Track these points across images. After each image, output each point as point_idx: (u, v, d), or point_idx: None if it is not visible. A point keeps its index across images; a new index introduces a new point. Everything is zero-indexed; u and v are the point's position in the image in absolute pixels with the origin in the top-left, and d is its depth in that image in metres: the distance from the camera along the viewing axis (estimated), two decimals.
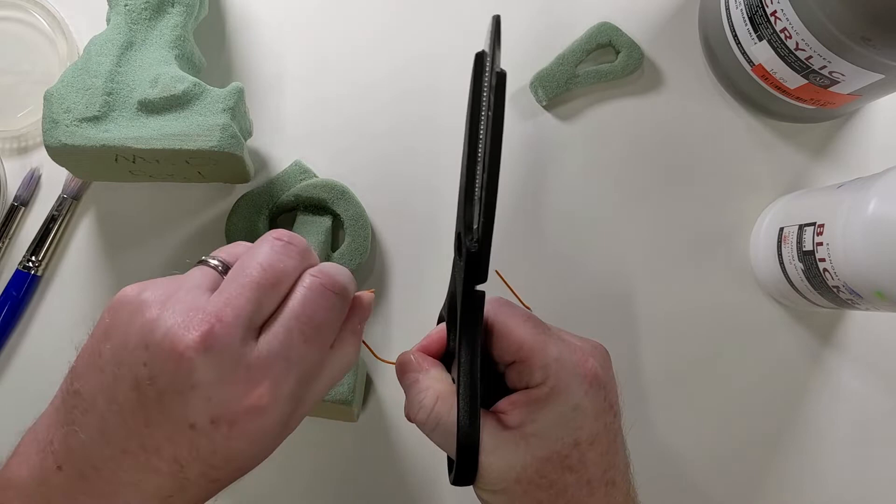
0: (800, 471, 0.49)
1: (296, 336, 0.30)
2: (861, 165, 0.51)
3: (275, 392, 0.29)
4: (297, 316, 0.30)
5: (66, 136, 0.42)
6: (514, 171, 0.51)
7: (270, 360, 0.29)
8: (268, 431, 0.30)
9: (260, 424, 0.30)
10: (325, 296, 0.31)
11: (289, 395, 0.30)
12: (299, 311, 0.30)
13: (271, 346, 0.29)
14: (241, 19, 0.52)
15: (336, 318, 0.31)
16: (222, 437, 0.29)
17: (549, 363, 0.33)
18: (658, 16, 0.52)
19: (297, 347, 0.30)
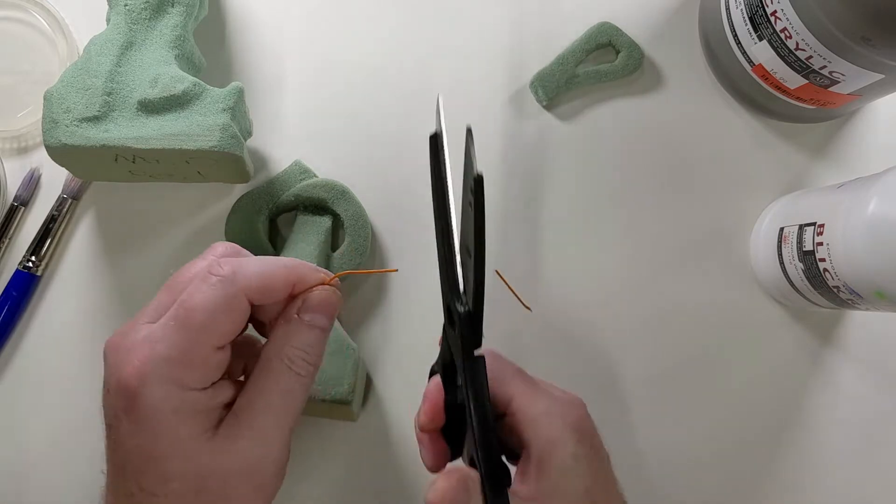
0: (800, 471, 0.49)
1: (170, 318, 0.30)
2: (861, 165, 0.51)
3: (140, 372, 0.29)
4: (178, 301, 0.30)
5: (66, 136, 0.42)
6: (513, 170, 0.51)
7: (140, 341, 0.30)
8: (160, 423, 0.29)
9: (143, 412, 0.29)
10: (206, 279, 0.30)
11: (161, 378, 0.29)
12: (181, 298, 0.30)
13: (150, 329, 0.30)
14: (241, 19, 0.52)
15: (212, 297, 0.30)
16: (126, 433, 0.30)
17: (539, 417, 0.34)
18: (658, 16, 0.52)
19: (165, 327, 0.30)
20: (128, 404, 0.29)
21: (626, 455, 0.49)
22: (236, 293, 0.30)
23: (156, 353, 0.29)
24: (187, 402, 0.30)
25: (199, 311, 0.30)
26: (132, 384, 0.29)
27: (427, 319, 0.50)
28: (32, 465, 0.48)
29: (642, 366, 0.50)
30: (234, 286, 0.30)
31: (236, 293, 0.30)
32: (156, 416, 0.29)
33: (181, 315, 0.30)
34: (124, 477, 0.30)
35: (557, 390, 0.37)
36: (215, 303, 0.30)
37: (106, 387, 0.30)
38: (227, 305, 0.30)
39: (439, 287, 0.50)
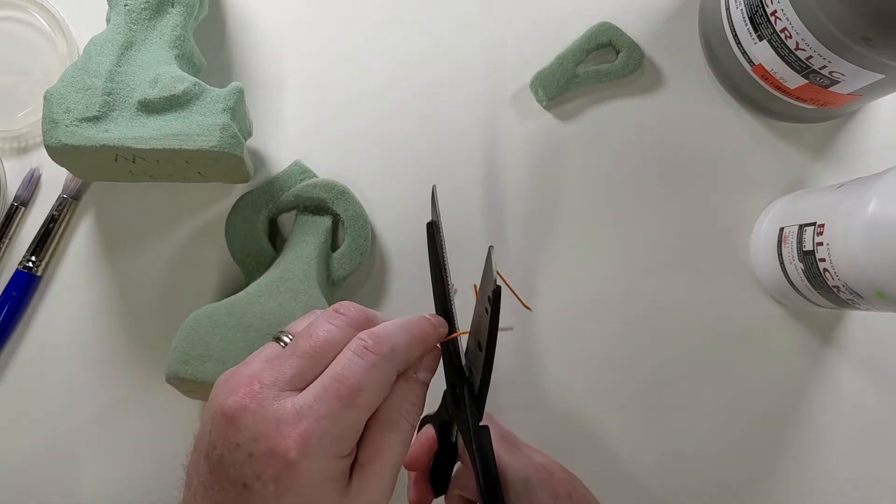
0: (800, 470, 0.49)
1: (330, 393, 0.31)
2: (861, 165, 0.51)
3: (303, 445, 0.30)
4: (334, 375, 0.31)
5: (66, 136, 0.42)
6: (513, 170, 0.51)
7: (301, 414, 0.31)
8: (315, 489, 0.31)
9: (301, 480, 0.30)
10: (364, 356, 0.32)
11: (322, 451, 0.31)
12: (337, 371, 0.31)
13: (303, 402, 0.31)
14: (241, 19, 0.52)
15: (378, 377, 0.32)
16: (271, 495, 0.30)
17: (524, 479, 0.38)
18: (658, 16, 0.52)
19: (328, 403, 0.31)
20: (282, 472, 0.30)
21: (625, 454, 0.49)
22: (392, 371, 0.33)
23: (320, 429, 0.30)
24: (339, 469, 0.32)
25: (365, 392, 0.31)
26: (291, 456, 0.30)
27: None
28: (32, 465, 0.48)
29: (642, 365, 0.50)
30: (391, 363, 0.32)
31: (392, 371, 0.33)
32: (312, 484, 0.31)
33: (345, 394, 0.31)
34: None
35: (540, 455, 0.40)
36: (379, 383, 0.32)
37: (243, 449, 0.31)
38: (386, 384, 0.32)
39: None
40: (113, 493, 0.48)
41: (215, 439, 0.31)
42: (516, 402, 0.49)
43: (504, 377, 0.49)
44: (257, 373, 0.32)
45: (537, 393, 0.49)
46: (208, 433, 0.32)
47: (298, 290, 0.45)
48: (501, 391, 0.49)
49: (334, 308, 0.34)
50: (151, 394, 0.48)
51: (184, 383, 0.43)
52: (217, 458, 0.31)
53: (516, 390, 0.49)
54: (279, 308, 0.44)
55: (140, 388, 0.48)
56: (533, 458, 0.39)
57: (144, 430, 0.48)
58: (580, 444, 0.49)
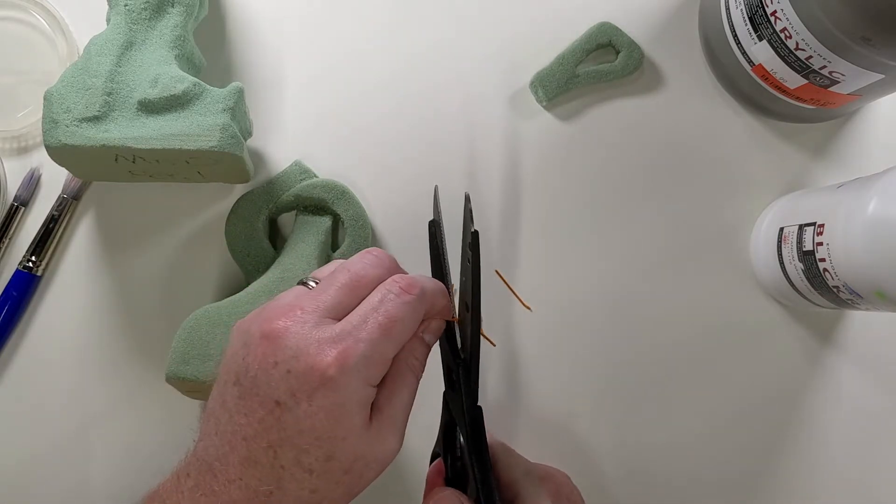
0: (799, 470, 0.49)
1: (370, 321, 0.33)
2: (861, 165, 0.51)
3: (342, 363, 0.32)
4: (373, 306, 0.34)
5: (66, 136, 0.42)
6: (513, 170, 0.51)
7: (342, 336, 0.33)
8: (345, 409, 0.32)
9: (334, 398, 0.32)
10: (401, 295, 0.34)
11: (358, 372, 0.32)
12: (375, 303, 0.34)
13: (344, 326, 0.33)
14: (241, 19, 0.52)
15: (410, 313, 0.34)
16: (303, 413, 0.32)
17: (518, 479, 0.39)
18: (658, 16, 0.52)
19: (368, 329, 0.33)
20: (318, 388, 0.32)
21: (625, 454, 0.49)
22: (420, 313, 0.35)
23: (359, 350, 0.32)
24: (368, 396, 0.34)
25: (400, 324, 0.34)
26: (330, 372, 0.32)
27: None
28: (33, 465, 0.48)
29: (642, 365, 0.50)
30: (421, 305, 0.35)
31: (420, 313, 0.35)
32: (346, 403, 0.32)
33: (384, 324, 0.33)
34: (274, 452, 0.32)
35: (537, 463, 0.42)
36: (412, 319, 0.35)
37: (281, 367, 0.32)
38: (415, 323, 0.35)
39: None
40: (113, 492, 0.48)
41: (250, 362, 0.33)
42: (515, 400, 0.49)
43: (504, 377, 0.49)
44: (296, 301, 0.34)
45: (536, 392, 0.49)
46: (241, 359, 0.33)
47: None
48: (501, 390, 0.49)
49: (366, 251, 0.37)
50: (151, 394, 0.48)
51: (184, 383, 0.43)
52: (251, 379, 0.33)
53: (516, 389, 0.49)
54: None
55: (140, 388, 0.48)
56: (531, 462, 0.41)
57: (144, 430, 0.48)
58: (579, 443, 0.49)
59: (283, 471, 0.33)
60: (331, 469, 0.33)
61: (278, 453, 0.32)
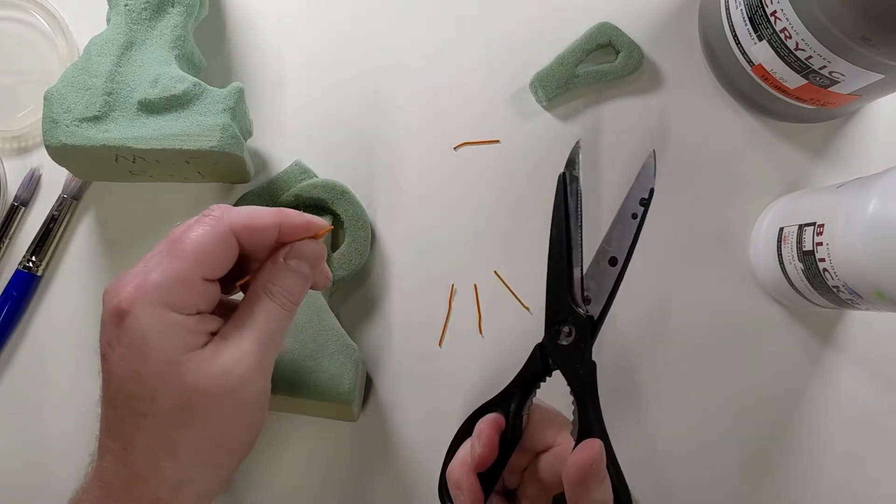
0: (799, 470, 0.49)
1: (160, 248, 0.33)
2: (861, 165, 0.51)
3: (131, 296, 0.31)
4: (170, 238, 0.33)
5: (66, 136, 0.42)
6: (513, 171, 0.51)
7: (137, 271, 0.32)
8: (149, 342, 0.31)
9: (133, 334, 0.31)
10: (197, 219, 0.33)
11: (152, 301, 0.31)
12: (172, 235, 0.33)
13: (143, 262, 0.33)
14: (241, 19, 0.52)
15: (199, 231, 0.33)
16: (118, 356, 0.32)
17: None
18: (658, 16, 0.52)
19: (157, 256, 0.32)
20: (119, 330, 0.31)
21: (625, 454, 0.49)
22: (223, 227, 0.33)
23: (147, 280, 0.32)
24: (175, 323, 0.32)
25: (189, 242, 0.32)
26: (123, 307, 0.31)
27: (427, 320, 0.50)
28: (33, 464, 0.48)
29: (642, 366, 0.50)
30: (222, 222, 0.33)
31: (223, 227, 0.33)
32: (144, 335, 0.31)
33: (173, 247, 0.32)
34: (116, 407, 0.32)
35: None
36: (204, 236, 0.33)
37: (102, 321, 0.32)
38: (214, 237, 0.33)
39: (439, 287, 0.50)
40: None
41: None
42: None
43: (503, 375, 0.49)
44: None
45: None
46: None
47: None
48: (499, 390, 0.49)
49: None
50: None
51: None
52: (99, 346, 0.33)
53: None
54: None
55: None
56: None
57: None
58: None
59: (125, 423, 0.32)
60: (163, 408, 0.31)
61: (118, 406, 0.32)
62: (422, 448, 0.48)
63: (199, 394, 0.32)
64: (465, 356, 0.49)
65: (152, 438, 0.32)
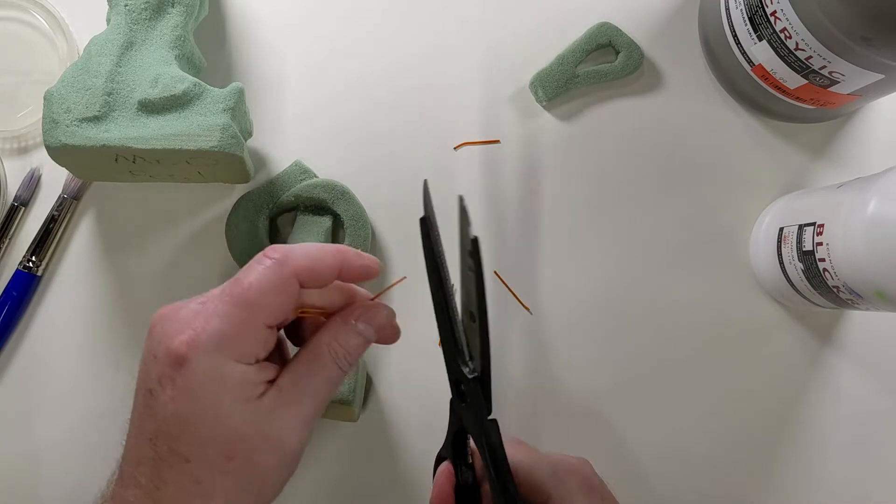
0: (799, 470, 0.49)
1: (224, 293, 0.32)
2: (861, 165, 0.51)
3: (193, 340, 0.31)
4: (231, 279, 0.32)
5: (66, 136, 0.42)
6: (513, 171, 0.51)
7: (197, 312, 0.32)
8: (206, 389, 0.31)
9: (191, 378, 0.31)
10: (259, 260, 0.32)
11: (214, 348, 0.31)
12: (234, 277, 0.32)
13: (199, 303, 0.32)
14: (241, 19, 0.52)
15: (266, 276, 0.32)
16: (168, 397, 0.31)
17: (546, 480, 0.36)
18: (658, 16, 0.52)
19: (220, 300, 0.32)
20: (175, 371, 0.31)
21: (625, 454, 0.49)
22: (287, 273, 0.32)
23: (209, 326, 0.31)
24: (235, 373, 0.31)
25: (254, 288, 0.31)
26: (182, 351, 0.31)
27: (427, 320, 0.49)
28: (33, 464, 0.48)
29: (641, 365, 0.50)
30: (285, 267, 0.32)
31: (287, 273, 0.32)
32: (202, 382, 0.31)
33: (236, 292, 0.31)
34: (154, 445, 0.31)
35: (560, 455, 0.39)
36: (269, 281, 0.32)
37: (151, 353, 0.32)
38: (278, 284, 0.32)
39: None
40: None
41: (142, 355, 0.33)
42: (515, 401, 0.49)
43: (502, 377, 0.49)
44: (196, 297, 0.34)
45: (536, 393, 0.49)
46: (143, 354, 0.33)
47: None
48: (499, 391, 0.49)
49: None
50: None
51: None
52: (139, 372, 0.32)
53: (515, 390, 0.49)
54: None
55: None
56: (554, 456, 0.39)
57: None
58: (578, 444, 0.49)
59: (162, 463, 0.31)
60: (208, 455, 0.31)
61: (157, 444, 0.31)
62: (421, 448, 0.48)
63: (248, 446, 0.31)
64: None
65: (189, 482, 0.31)
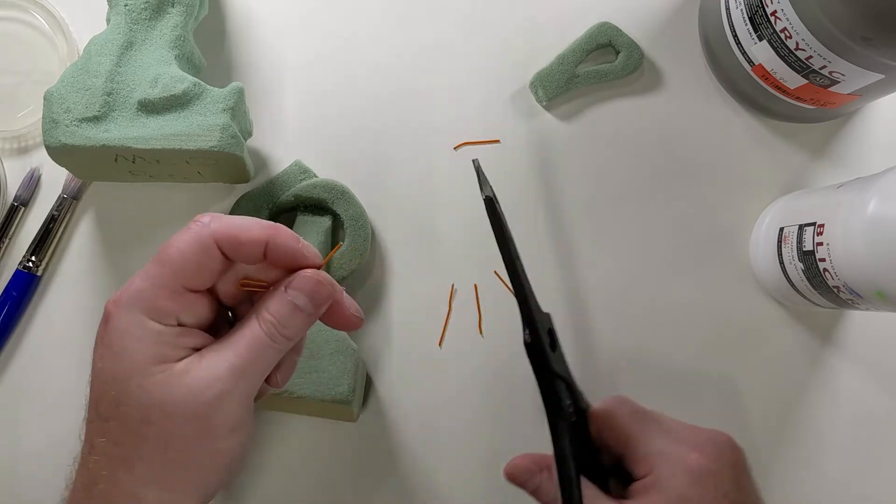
0: (800, 470, 0.49)
1: (151, 260, 0.32)
2: (861, 165, 0.51)
3: (117, 298, 0.32)
4: (160, 247, 0.33)
5: (66, 136, 0.42)
6: (513, 171, 0.51)
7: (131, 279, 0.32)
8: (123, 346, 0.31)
9: (112, 336, 0.31)
10: (185, 229, 0.32)
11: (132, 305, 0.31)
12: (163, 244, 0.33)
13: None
14: (241, 19, 0.52)
15: (185, 239, 0.32)
16: (98, 356, 0.32)
17: (651, 455, 0.35)
18: (658, 16, 0.52)
19: (147, 266, 0.32)
20: (103, 329, 0.32)
21: None
22: (206, 235, 0.32)
23: (132, 285, 0.32)
24: (151, 330, 0.31)
25: (172, 248, 0.32)
26: (109, 309, 0.32)
27: (427, 320, 0.50)
28: (32, 464, 0.48)
29: (642, 366, 0.50)
30: (207, 230, 0.32)
31: (206, 235, 0.32)
32: (120, 338, 0.31)
33: (158, 255, 0.32)
34: (91, 406, 0.32)
35: (687, 428, 0.38)
36: (188, 244, 0.32)
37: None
38: (197, 245, 0.32)
39: (439, 287, 0.51)
40: None
41: None
42: (513, 404, 0.49)
43: (501, 377, 0.49)
44: None
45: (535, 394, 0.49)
46: None
47: None
48: (498, 389, 0.49)
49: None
50: None
51: None
52: None
53: (513, 391, 0.49)
54: None
55: None
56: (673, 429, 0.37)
57: None
58: None
59: (92, 425, 0.31)
60: (123, 416, 0.31)
61: (92, 405, 0.32)
62: (421, 448, 0.48)
63: (161, 409, 0.31)
64: (465, 356, 0.49)
65: (111, 445, 0.31)
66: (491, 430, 0.48)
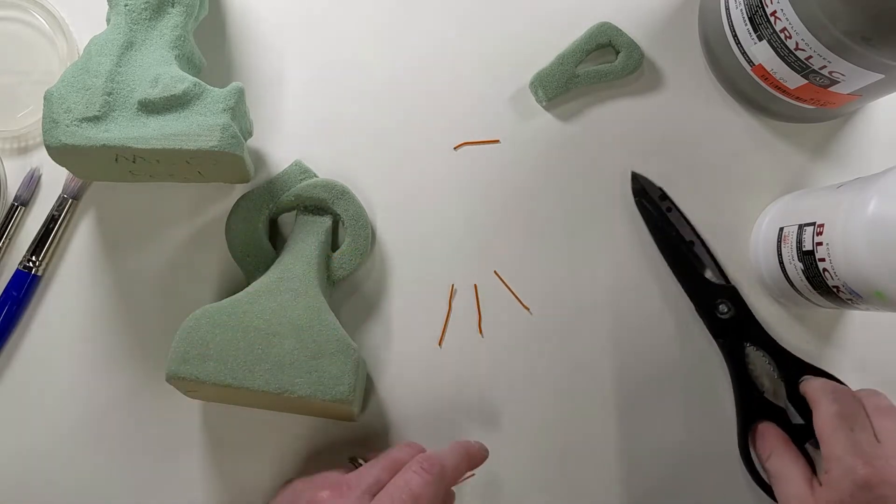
0: None
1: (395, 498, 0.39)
2: (861, 165, 0.51)
3: None
4: (398, 485, 0.40)
5: (67, 136, 0.42)
6: (513, 171, 0.51)
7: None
8: None
9: None
10: (420, 473, 0.40)
11: None
12: (400, 482, 0.40)
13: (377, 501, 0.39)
14: (241, 19, 0.52)
15: (429, 491, 0.39)
16: None
17: (829, 457, 0.41)
18: (658, 16, 0.52)
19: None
20: None
21: (624, 455, 0.49)
22: (442, 487, 0.40)
23: None
24: None
25: (422, 500, 0.39)
26: None
27: (428, 320, 0.50)
28: (32, 464, 0.48)
29: (642, 366, 0.50)
30: (443, 482, 0.40)
31: (442, 487, 0.40)
32: None
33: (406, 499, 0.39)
34: None
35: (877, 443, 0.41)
36: (432, 494, 0.40)
37: None
38: (436, 497, 0.40)
39: (439, 286, 0.51)
40: (112, 491, 0.48)
41: None
42: (512, 404, 0.49)
43: (500, 376, 0.49)
44: (343, 478, 0.41)
45: (535, 394, 0.49)
46: None
47: (298, 291, 0.45)
48: (497, 388, 0.49)
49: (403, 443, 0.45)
50: (151, 394, 0.48)
51: (184, 383, 0.43)
52: None
53: (513, 391, 0.49)
54: (279, 308, 0.44)
55: (140, 388, 0.48)
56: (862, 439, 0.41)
57: (144, 430, 0.48)
58: (575, 444, 0.49)
59: None
60: None
61: None
62: None
63: None
64: (465, 356, 0.49)
65: None
66: (491, 430, 0.48)
